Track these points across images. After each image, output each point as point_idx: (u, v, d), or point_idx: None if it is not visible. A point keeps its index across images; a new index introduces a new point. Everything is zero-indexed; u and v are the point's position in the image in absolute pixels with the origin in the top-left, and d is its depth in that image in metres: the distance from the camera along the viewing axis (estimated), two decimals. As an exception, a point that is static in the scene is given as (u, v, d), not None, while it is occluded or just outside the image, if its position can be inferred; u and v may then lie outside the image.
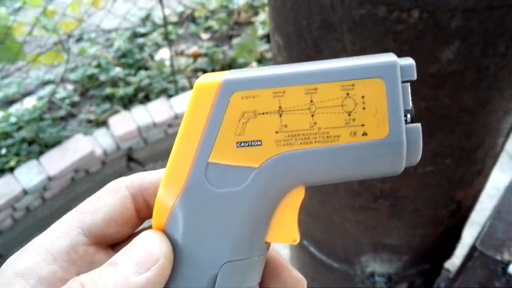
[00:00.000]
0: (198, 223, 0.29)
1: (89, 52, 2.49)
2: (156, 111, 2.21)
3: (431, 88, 0.55)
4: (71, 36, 2.34)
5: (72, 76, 2.40)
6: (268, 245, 0.31)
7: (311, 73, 0.27)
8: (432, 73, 0.54)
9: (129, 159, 2.24)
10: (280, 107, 0.27)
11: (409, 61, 0.28)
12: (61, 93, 2.34)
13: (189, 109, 0.28)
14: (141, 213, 0.31)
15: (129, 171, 2.26)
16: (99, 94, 2.33)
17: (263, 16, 2.72)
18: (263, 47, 2.57)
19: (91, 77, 2.37)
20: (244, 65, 2.45)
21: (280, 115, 0.27)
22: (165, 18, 2.14)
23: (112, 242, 0.30)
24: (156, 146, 2.27)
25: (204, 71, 2.49)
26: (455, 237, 0.93)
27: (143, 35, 2.70)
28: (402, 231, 0.81)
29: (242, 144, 0.28)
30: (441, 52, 0.52)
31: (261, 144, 0.28)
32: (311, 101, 0.27)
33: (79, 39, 2.65)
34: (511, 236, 0.79)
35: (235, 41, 2.64)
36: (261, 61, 2.52)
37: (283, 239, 0.30)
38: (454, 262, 1.11)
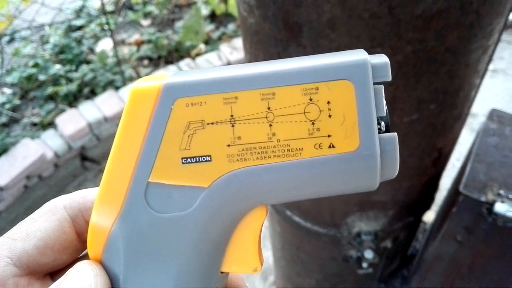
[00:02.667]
0: (140, 252, 0.25)
1: (24, 52, 2.33)
2: (105, 105, 2.11)
3: (417, 31, 0.54)
4: (2, 36, 2.18)
5: (9, 79, 2.24)
6: (225, 275, 0.27)
7: (268, 75, 0.23)
8: (418, 14, 0.52)
9: (83, 159, 2.14)
10: (232, 115, 0.23)
11: (382, 58, 0.24)
12: (-1, 98, 2.19)
13: (124, 120, 0.24)
14: (82, 237, 0.27)
15: (84, 171, 2.16)
16: (40, 94, 2.20)
17: (204, -5, 2.66)
18: (208, 27, 2.50)
19: (30, 77, 2.23)
20: (192, 47, 2.39)
21: (233, 125, 0.23)
22: (103, 6, 2.03)
23: (50, 270, 0.26)
24: (110, 141, 2.18)
25: (150, 59, 2.41)
26: (435, 186, 0.95)
27: (79, 27, 2.56)
28: (388, 185, 0.81)
29: (189, 160, 0.24)
30: (427, -10, 0.50)
31: (210, 160, 0.24)
32: (269, 109, 0.23)
33: (11, 39, 2.47)
34: (492, 176, 0.81)
35: (178, 24, 2.56)
36: (208, 41, 2.46)
37: (242, 268, 0.26)
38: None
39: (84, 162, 2.15)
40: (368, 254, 0.97)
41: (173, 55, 2.42)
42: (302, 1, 0.54)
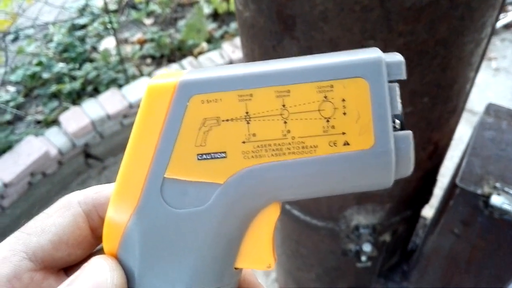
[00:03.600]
0: (155, 248, 0.25)
1: (28, 50, 2.35)
2: (108, 103, 2.13)
3: (408, 23, 0.55)
4: (6, 35, 2.20)
5: (13, 77, 2.26)
6: (239, 271, 0.28)
7: (283, 73, 0.23)
8: (408, 6, 0.53)
9: (87, 156, 2.16)
10: (247, 112, 0.24)
11: (397, 57, 0.24)
12: (4, 96, 2.20)
13: (141, 116, 0.24)
14: (97, 232, 0.27)
15: (88, 168, 2.18)
16: (44, 92, 2.22)
17: (206, -6, 2.67)
18: (210, 26, 2.52)
19: (34, 76, 2.25)
20: (194, 46, 2.40)
21: (248, 122, 0.24)
22: (106, 5, 2.05)
23: (64, 265, 0.27)
24: (113, 139, 2.20)
25: (153, 57, 2.42)
26: (432, 180, 0.95)
27: (83, 26, 2.58)
28: (384, 179, 0.82)
29: (204, 156, 0.24)
30: (416, -18, 0.51)
31: (226, 157, 0.24)
32: (283, 106, 0.23)
33: (15, 38, 2.50)
34: (488, 169, 0.81)
35: (180, 23, 2.57)
36: (211, 40, 2.47)
37: (256, 265, 0.26)
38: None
39: (87, 160, 2.17)
40: (367, 247, 0.98)
41: (175, 53, 2.44)
42: (295, -6, 0.55)
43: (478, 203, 0.81)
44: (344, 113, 0.23)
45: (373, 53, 0.24)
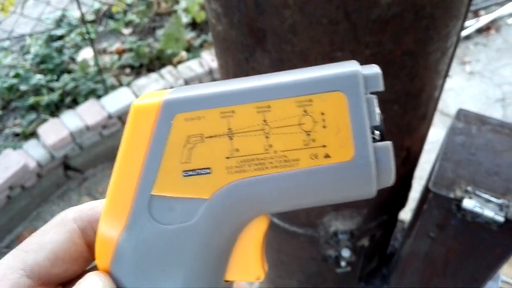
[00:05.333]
0: (146, 263, 0.25)
1: (5, 62, 2.33)
2: (87, 114, 2.11)
3: (374, 34, 0.56)
4: (-19, 47, 2.18)
5: (-11, 89, 2.23)
6: (229, 283, 0.28)
7: (262, 89, 0.24)
8: (374, 18, 0.54)
9: (66, 168, 2.14)
10: (229, 129, 0.24)
11: (374, 69, 0.25)
12: (-21, 109, 2.18)
13: (127, 136, 0.25)
14: (92, 248, 0.28)
15: (67, 180, 2.16)
16: (22, 105, 2.19)
17: (184, 3, 2.67)
18: (189, 35, 2.52)
19: (11, 88, 2.22)
20: (173, 55, 2.40)
21: (231, 138, 0.24)
22: (83, 16, 2.04)
23: (61, 281, 0.27)
24: (92, 150, 2.18)
25: (132, 67, 2.42)
26: (407, 185, 0.97)
27: (60, 37, 2.56)
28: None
29: (189, 173, 0.24)
30: (381, -4, 0.52)
31: (210, 172, 0.24)
32: (265, 121, 0.24)
33: (-10, 50, 2.47)
34: (460, 174, 0.83)
35: (159, 32, 2.57)
36: (190, 49, 2.48)
37: (245, 277, 0.27)
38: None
39: (67, 172, 2.15)
40: (345, 253, 0.99)
41: (154, 63, 2.43)
42: (264, 8, 0.56)
43: (451, 207, 0.83)
44: (324, 126, 0.24)
45: (350, 67, 0.24)
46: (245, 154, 0.24)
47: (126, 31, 2.65)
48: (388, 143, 0.25)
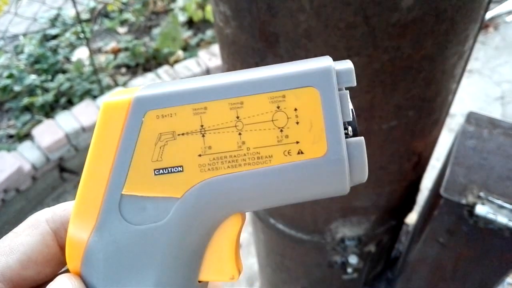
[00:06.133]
0: (117, 264, 0.25)
1: (-2, 62, 2.29)
2: (82, 115, 2.08)
3: (393, 39, 0.54)
4: (-26, 47, 2.13)
5: (-18, 90, 2.19)
6: (203, 284, 0.28)
7: (235, 85, 0.24)
8: (393, 22, 0.52)
9: (62, 170, 2.10)
10: (202, 125, 0.24)
11: (347, 64, 0.24)
12: (-28, 110, 2.13)
13: (97, 133, 0.24)
14: (65, 249, 0.27)
15: (63, 182, 2.12)
16: (16, 105, 2.15)
17: (181, 2, 2.63)
18: (186, 33, 2.49)
19: (5, 88, 2.18)
20: (170, 54, 2.37)
21: (203, 135, 0.24)
22: (78, 14, 2.00)
23: (34, 284, 0.26)
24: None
25: (128, 66, 2.38)
26: (416, 190, 0.95)
27: (55, 37, 2.52)
28: (369, 191, 0.81)
29: (161, 171, 0.24)
30: (401, -1, 0.50)
31: (182, 170, 0.24)
32: (237, 117, 0.24)
33: (-17, 50, 2.42)
34: (472, 179, 0.81)
35: (155, 31, 2.54)
36: (186, 48, 2.45)
37: (219, 277, 0.26)
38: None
39: (62, 174, 2.11)
40: (353, 260, 0.97)
41: (151, 62, 2.40)
42: (277, 11, 0.54)
43: (462, 213, 0.81)
44: (297, 122, 0.24)
45: (323, 62, 0.24)
46: (218, 152, 0.24)
47: (122, 30, 2.62)
48: (361, 139, 0.24)
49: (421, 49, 0.56)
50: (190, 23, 2.60)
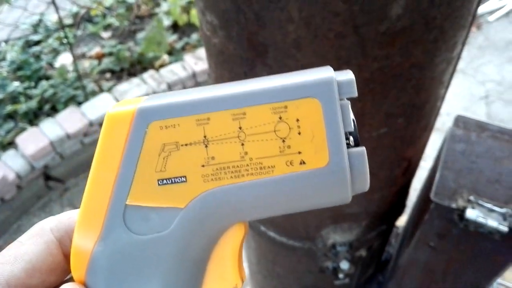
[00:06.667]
0: (121, 274, 0.25)
1: (-21, 70, 2.24)
2: (67, 122, 2.05)
3: (383, 48, 0.53)
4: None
5: (-36, 98, 2.15)
6: None
7: (238, 96, 0.24)
8: (382, 31, 0.52)
9: (47, 178, 2.07)
10: (205, 136, 0.24)
11: (348, 75, 0.24)
12: (-47, 119, 2.09)
13: (101, 144, 0.25)
14: (69, 258, 0.27)
15: (49, 191, 2.09)
16: (-1, 113, 2.11)
17: (165, 6, 2.61)
18: (171, 38, 2.47)
19: (-14, 96, 2.14)
20: (155, 58, 2.35)
21: (206, 146, 0.24)
22: (61, 20, 1.97)
23: None
24: (74, 159, 2.12)
25: (112, 71, 2.36)
26: (406, 194, 0.95)
27: (37, 43, 2.48)
28: (360, 197, 0.81)
29: (164, 181, 0.24)
30: (391, 7, 0.50)
31: (186, 181, 0.24)
32: (240, 128, 0.24)
33: (-37, 57, 2.37)
34: (461, 183, 0.81)
35: (139, 35, 2.51)
36: (172, 52, 2.43)
37: (223, 285, 0.27)
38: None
39: (48, 182, 2.08)
40: (344, 265, 0.97)
41: (136, 67, 2.38)
42: (266, 22, 0.53)
43: (453, 217, 0.81)
44: (299, 133, 0.24)
45: (324, 73, 0.24)
46: (221, 162, 0.24)
47: (106, 34, 2.59)
48: (362, 149, 0.24)
49: (411, 57, 0.56)
50: (175, 27, 2.59)
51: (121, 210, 0.24)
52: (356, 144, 0.25)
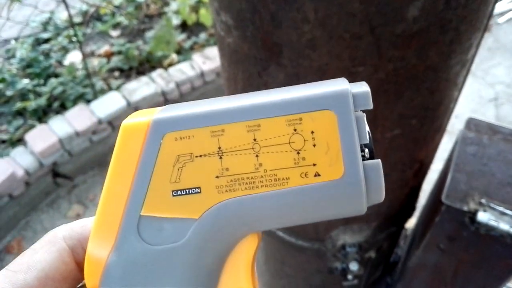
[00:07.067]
0: (135, 284, 0.25)
1: (-11, 67, 2.26)
2: (76, 119, 2.06)
3: (398, 49, 0.53)
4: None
5: (-26, 95, 2.16)
6: None
7: (252, 108, 0.24)
8: (398, 33, 0.52)
9: (55, 175, 2.08)
10: (219, 148, 0.24)
11: (363, 87, 0.24)
12: (-37, 115, 2.10)
13: (116, 155, 0.25)
14: (82, 266, 0.27)
15: (57, 188, 2.10)
16: (8, 110, 2.13)
17: (174, 5, 2.62)
18: (179, 37, 2.48)
19: (-4, 93, 2.15)
20: (163, 57, 2.35)
21: (220, 157, 0.24)
22: (71, 18, 1.98)
23: None
24: (82, 156, 2.13)
25: (121, 70, 2.36)
26: (416, 195, 0.95)
27: (47, 40, 2.49)
28: (371, 199, 0.80)
29: (179, 192, 0.24)
30: (407, 10, 0.50)
31: (200, 192, 0.24)
32: (255, 140, 0.24)
33: (-26, 55, 2.39)
34: (473, 185, 0.81)
35: (148, 34, 2.52)
36: (180, 51, 2.43)
37: None
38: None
39: (56, 179, 2.09)
40: (353, 266, 0.97)
41: (144, 66, 2.38)
42: (281, 22, 0.53)
43: (464, 220, 0.81)
44: (314, 145, 0.24)
45: (339, 85, 0.24)
46: (235, 173, 0.24)
47: (115, 33, 2.59)
48: (378, 161, 0.24)
49: (426, 59, 0.56)
50: (183, 26, 2.59)
51: (135, 220, 0.25)
52: (371, 157, 0.25)
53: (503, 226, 0.77)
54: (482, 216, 0.78)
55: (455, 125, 2.16)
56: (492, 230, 0.79)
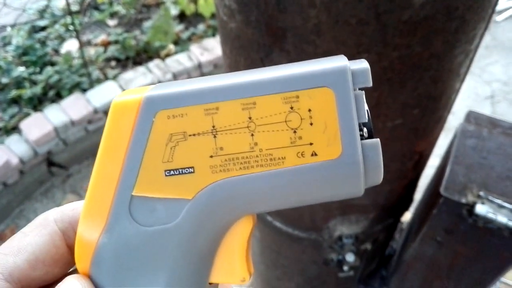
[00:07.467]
0: (127, 265, 0.24)
1: (-16, 54, 2.23)
2: (71, 108, 2.04)
3: (404, 36, 0.53)
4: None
5: (-32, 82, 2.14)
6: (214, 286, 0.27)
7: (248, 85, 0.23)
8: (405, 20, 0.51)
9: (50, 164, 2.07)
10: (213, 126, 0.23)
11: (362, 64, 0.23)
12: (-42, 102, 2.08)
13: (106, 134, 0.24)
14: (73, 249, 0.27)
15: (51, 176, 2.09)
16: (3, 98, 2.11)
17: (173, -5, 2.60)
18: (177, 27, 2.46)
19: (-9, 80, 2.13)
20: (161, 48, 2.34)
21: (215, 136, 0.23)
22: (68, 6, 1.96)
23: (42, 284, 0.26)
24: (77, 146, 2.11)
25: (118, 60, 2.35)
26: (414, 188, 0.95)
27: (43, 28, 2.47)
28: (370, 189, 0.80)
29: (172, 172, 0.24)
30: (414, -5, 0.49)
31: (193, 172, 0.23)
32: (250, 118, 0.23)
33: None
34: (471, 178, 0.81)
35: (146, 24, 2.50)
36: (178, 42, 2.42)
37: (230, 279, 0.26)
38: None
39: (50, 168, 2.08)
40: (350, 257, 0.97)
41: (141, 56, 2.37)
42: (286, 6, 0.52)
43: (462, 212, 0.81)
44: (311, 124, 0.23)
45: (338, 62, 0.23)
46: (230, 153, 0.23)
47: (112, 22, 2.57)
48: (377, 140, 0.24)
49: (430, 47, 0.55)
50: (181, 17, 2.57)
51: (127, 201, 0.24)
52: (370, 136, 0.24)
53: (501, 219, 0.77)
54: (480, 209, 0.78)
55: (451, 122, 2.17)
56: (489, 222, 0.79)
